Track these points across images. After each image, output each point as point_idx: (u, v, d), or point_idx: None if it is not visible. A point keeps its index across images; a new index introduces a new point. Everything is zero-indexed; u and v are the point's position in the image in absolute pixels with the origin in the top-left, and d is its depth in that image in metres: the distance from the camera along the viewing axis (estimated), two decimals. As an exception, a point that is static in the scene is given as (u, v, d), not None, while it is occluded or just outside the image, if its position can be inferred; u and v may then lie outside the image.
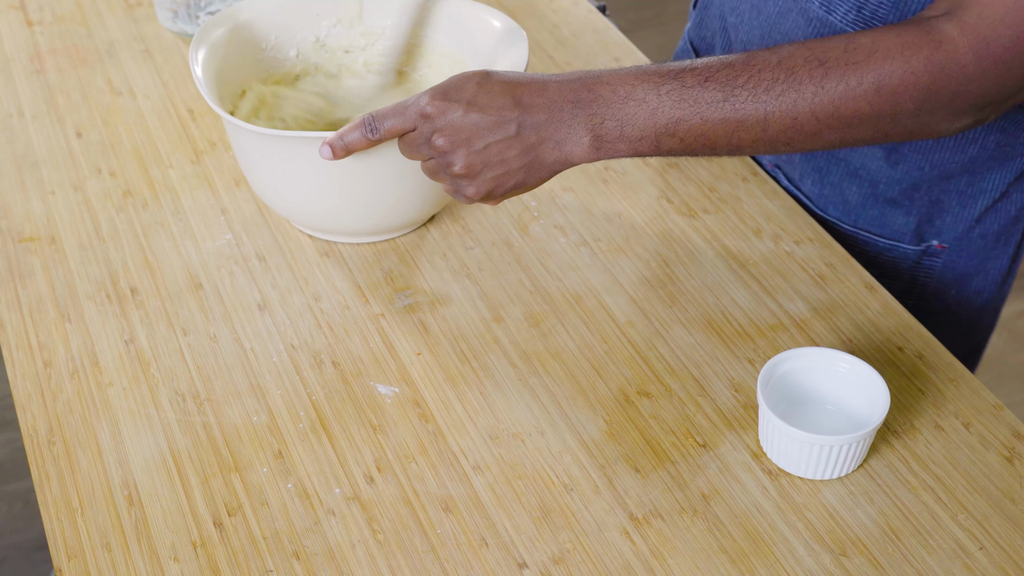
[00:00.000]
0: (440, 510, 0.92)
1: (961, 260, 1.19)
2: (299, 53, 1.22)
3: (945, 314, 1.22)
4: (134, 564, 0.88)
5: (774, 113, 0.90)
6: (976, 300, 1.22)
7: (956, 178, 1.13)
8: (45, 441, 0.97)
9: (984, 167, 1.12)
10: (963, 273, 1.20)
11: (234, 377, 1.02)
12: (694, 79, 0.91)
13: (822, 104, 0.90)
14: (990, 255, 1.19)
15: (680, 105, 0.91)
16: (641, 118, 0.92)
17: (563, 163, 0.94)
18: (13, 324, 1.07)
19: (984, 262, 1.19)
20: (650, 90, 0.91)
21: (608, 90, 0.92)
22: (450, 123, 0.93)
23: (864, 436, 0.91)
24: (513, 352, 1.04)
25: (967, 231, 1.17)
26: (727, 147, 0.93)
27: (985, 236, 1.17)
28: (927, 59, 0.89)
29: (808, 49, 0.91)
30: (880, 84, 0.89)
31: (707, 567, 0.88)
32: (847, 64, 0.89)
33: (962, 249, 1.18)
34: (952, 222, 1.16)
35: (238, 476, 0.94)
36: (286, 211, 1.12)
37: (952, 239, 1.17)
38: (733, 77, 0.90)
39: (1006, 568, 0.88)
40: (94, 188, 1.21)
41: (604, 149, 0.93)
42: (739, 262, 1.13)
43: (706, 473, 0.94)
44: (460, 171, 0.94)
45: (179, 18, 1.42)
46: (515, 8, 1.49)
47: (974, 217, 1.16)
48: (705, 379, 1.02)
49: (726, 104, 0.90)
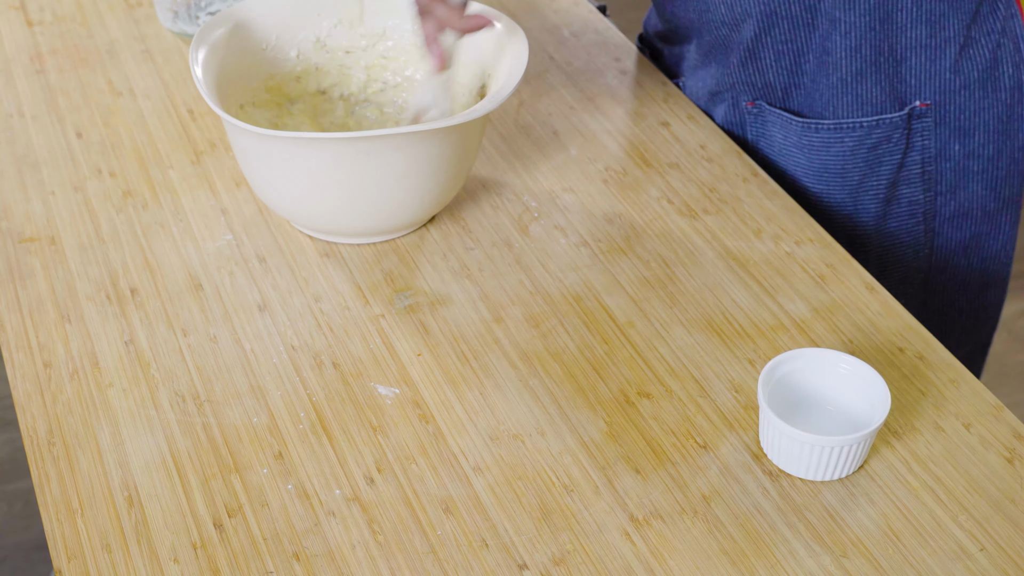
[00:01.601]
0: (440, 511, 0.91)
1: (951, 116, 1.21)
2: (300, 53, 1.22)
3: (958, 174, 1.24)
4: (134, 565, 0.88)
5: None
6: (983, 152, 1.24)
7: (912, 30, 1.17)
8: (45, 442, 0.97)
9: (936, 13, 1.16)
10: (959, 128, 1.22)
11: (234, 378, 1.02)
12: None
13: None
14: (981, 105, 1.22)
15: None
16: None
17: None
18: (13, 325, 1.07)
19: (977, 113, 1.22)
20: None
21: None
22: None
23: (864, 437, 0.91)
24: (513, 353, 1.04)
25: (947, 85, 1.20)
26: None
27: (968, 87, 1.20)
28: None
29: None
30: None
31: (707, 568, 0.88)
32: None
33: (947, 103, 1.21)
34: (926, 78, 1.19)
35: (238, 477, 0.94)
36: (286, 212, 1.12)
37: (933, 94, 1.20)
38: None
39: (1007, 569, 0.88)
40: (94, 188, 1.21)
41: None
42: (739, 262, 1.13)
43: (706, 474, 0.94)
44: None
45: (179, 18, 1.42)
46: (515, 8, 1.49)
47: (947, 67, 1.19)
48: (705, 380, 1.02)
49: None
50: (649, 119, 1.31)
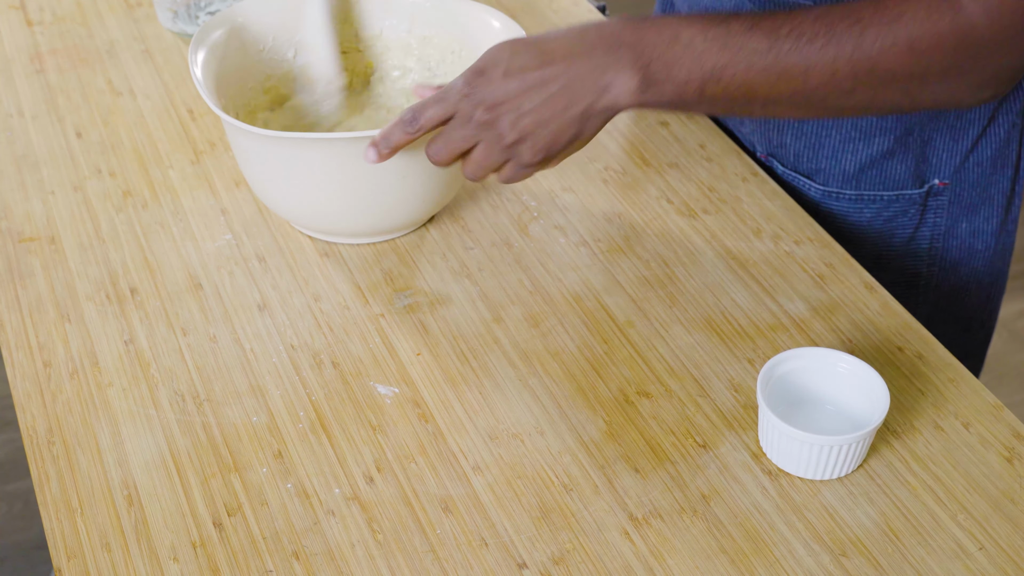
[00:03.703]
0: (440, 510, 0.92)
1: (964, 192, 1.20)
2: (297, 54, 1.22)
3: (960, 251, 1.23)
4: (134, 564, 0.88)
5: (815, 65, 0.91)
6: (986, 228, 1.23)
7: (945, 114, 1.15)
8: (45, 441, 0.97)
9: None
10: (969, 204, 1.21)
11: (234, 377, 1.02)
12: (739, 26, 0.91)
13: (860, 60, 0.91)
14: (990, 181, 1.21)
15: (725, 51, 0.91)
16: (688, 61, 0.91)
17: (612, 107, 0.93)
18: (13, 324, 1.07)
19: (986, 189, 1.21)
20: (696, 34, 0.91)
21: (654, 33, 0.92)
22: (491, 94, 0.93)
23: (864, 436, 0.91)
24: (513, 352, 1.04)
25: (962, 163, 1.18)
26: (766, 97, 0.93)
27: (981, 164, 1.19)
28: (951, 24, 0.90)
29: (842, 7, 0.92)
30: (912, 43, 0.90)
31: (707, 567, 0.88)
32: (881, 23, 0.90)
33: (962, 181, 1.20)
34: (947, 157, 1.18)
35: (238, 476, 0.94)
36: (286, 212, 1.12)
37: (951, 173, 1.19)
38: (777, 27, 0.91)
39: (1006, 568, 0.88)
40: (94, 188, 1.21)
41: (652, 91, 0.92)
42: (739, 262, 1.13)
43: (706, 473, 0.94)
44: (513, 137, 0.93)
45: (179, 18, 1.42)
46: (515, 8, 1.49)
47: (967, 148, 1.18)
48: (705, 379, 1.02)
49: (770, 53, 0.91)
50: (648, 118, 1.31)
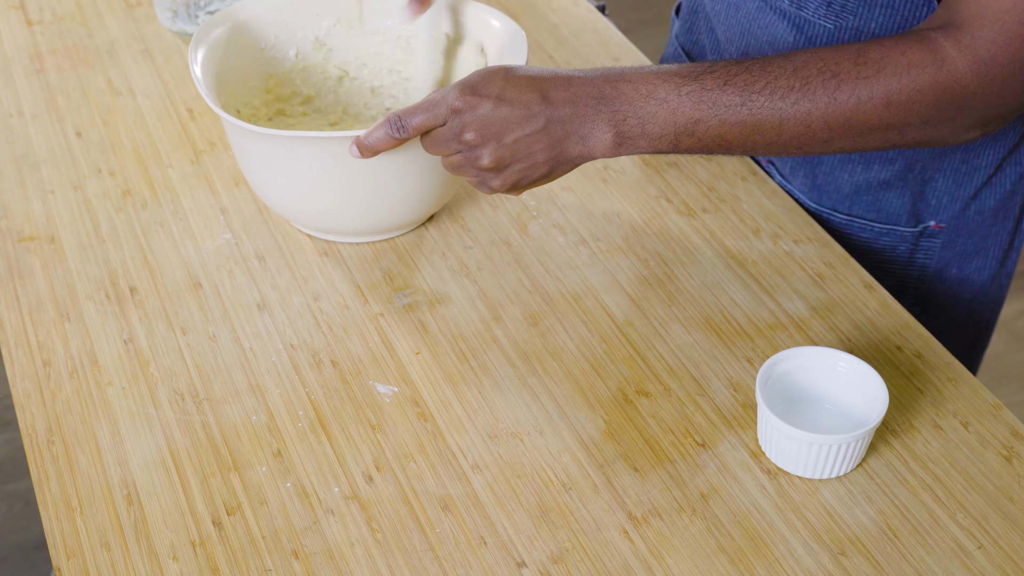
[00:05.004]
0: (439, 509, 0.92)
1: (960, 239, 1.19)
2: (298, 53, 1.22)
3: (947, 296, 1.22)
4: (133, 563, 0.88)
5: (789, 120, 0.92)
6: (978, 279, 1.22)
7: (949, 156, 1.14)
8: (44, 441, 0.97)
9: (978, 143, 1.13)
10: (963, 252, 1.20)
11: (233, 377, 1.02)
12: (713, 82, 0.93)
13: (835, 114, 0.92)
14: (989, 232, 1.19)
15: (700, 106, 0.93)
16: (662, 117, 0.93)
17: (586, 157, 0.96)
18: (13, 324, 1.07)
19: (984, 239, 1.20)
20: (671, 90, 0.93)
21: (631, 88, 0.94)
22: (480, 117, 0.94)
23: (863, 435, 0.91)
24: (512, 351, 1.04)
25: (963, 209, 1.17)
26: (742, 148, 0.95)
27: (982, 212, 1.18)
28: (932, 78, 0.91)
29: (821, 59, 0.93)
30: (889, 99, 0.91)
31: (706, 566, 0.88)
32: (858, 78, 0.92)
33: (960, 228, 1.18)
34: (948, 201, 1.17)
35: (237, 475, 0.94)
36: (285, 211, 1.12)
37: (949, 218, 1.18)
38: (751, 82, 0.93)
39: (1004, 567, 0.88)
40: (94, 188, 1.21)
41: (626, 145, 0.95)
42: (738, 261, 1.13)
43: (705, 472, 0.94)
44: (489, 164, 0.95)
45: (179, 18, 1.42)
46: (515, 8, 1.49)
47: (969, 195, 1.16)
48: (704, 378, 1.02)
49: (743, 108, 0.92)
50: (648, 118, 1.31)
